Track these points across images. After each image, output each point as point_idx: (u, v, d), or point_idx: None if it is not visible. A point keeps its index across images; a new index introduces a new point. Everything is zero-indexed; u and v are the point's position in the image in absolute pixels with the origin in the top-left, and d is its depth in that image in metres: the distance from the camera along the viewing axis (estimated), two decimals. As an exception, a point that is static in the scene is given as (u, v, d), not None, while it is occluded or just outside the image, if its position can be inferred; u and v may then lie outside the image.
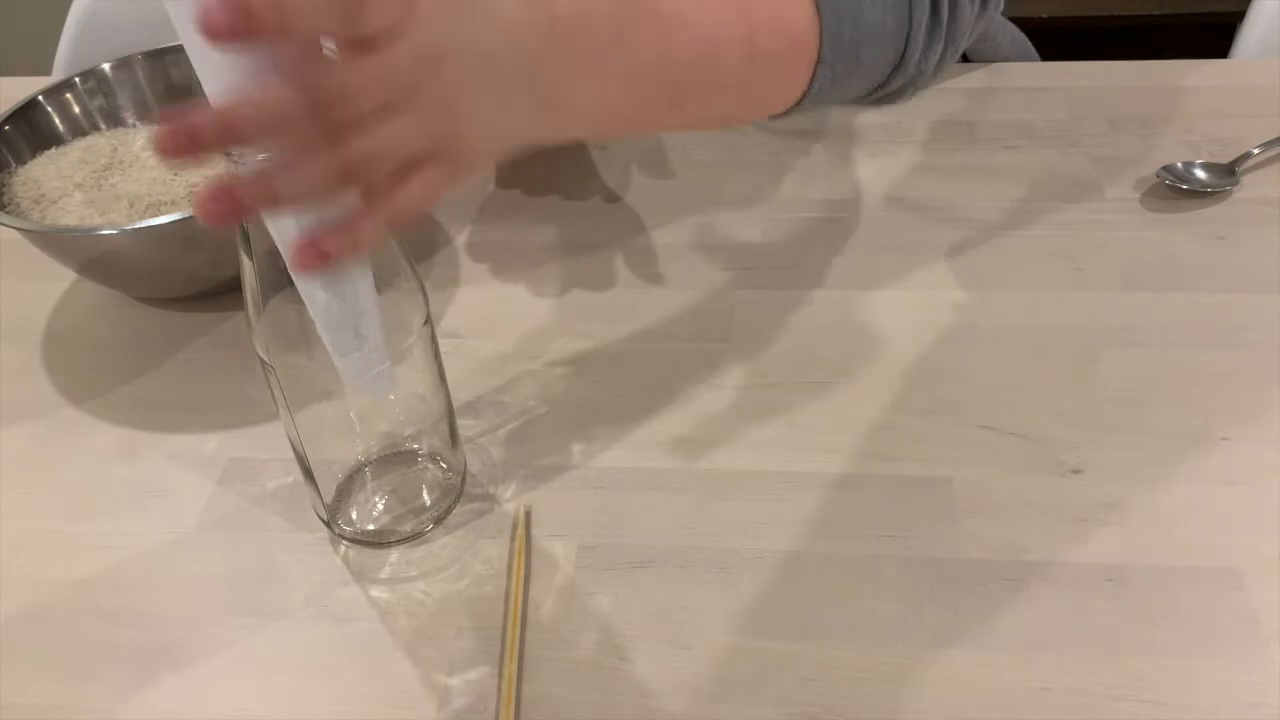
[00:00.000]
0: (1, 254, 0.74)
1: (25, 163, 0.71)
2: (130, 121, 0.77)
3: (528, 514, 0.53)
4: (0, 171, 0.69)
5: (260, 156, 0.37)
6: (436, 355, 0.51)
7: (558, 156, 0.78)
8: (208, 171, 0.68)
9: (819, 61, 0.52)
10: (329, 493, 0.53)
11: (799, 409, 0.58)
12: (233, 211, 0.35)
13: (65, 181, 0.69)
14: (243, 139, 0.35)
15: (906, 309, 0.63)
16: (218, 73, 0.36)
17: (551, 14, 0.43)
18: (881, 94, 0.58)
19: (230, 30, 0.32)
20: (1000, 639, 0.47)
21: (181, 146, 0.33)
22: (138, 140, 0.73)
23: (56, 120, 0.74)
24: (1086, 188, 0.71)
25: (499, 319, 0.66)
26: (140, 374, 0.64)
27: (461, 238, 0.73)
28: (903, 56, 0.55)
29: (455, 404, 0.53)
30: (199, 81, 0.37)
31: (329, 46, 0.37)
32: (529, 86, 0.43)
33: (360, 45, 0.36)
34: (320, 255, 0.37)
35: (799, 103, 0.53)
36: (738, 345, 0.62)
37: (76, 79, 0.75)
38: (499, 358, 0.63)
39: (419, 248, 0.72)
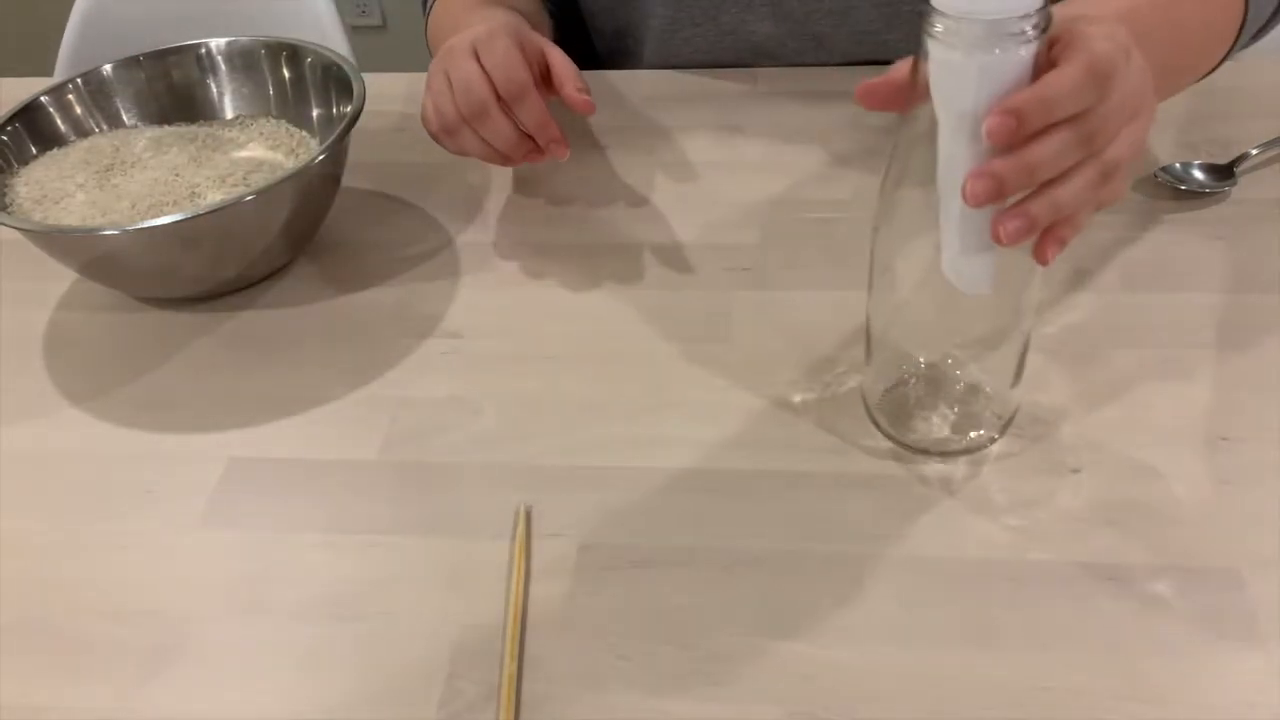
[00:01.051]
0: (2, 254, 0.74)
1: (27, 163, 0.71)
2: (132, 122, 0.77)
3: (528, 514, 0.54)
4: (2, 172, 0.69)
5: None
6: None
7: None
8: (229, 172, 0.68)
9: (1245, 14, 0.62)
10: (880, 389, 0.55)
11: (799, 408, 0.58)
12: (1030, 228, 0.42)
13: (67, 182, 0.69)
14: (1037, 179, 0.42)
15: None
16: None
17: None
18: (1266, 31, 0.67)
19: (1009, 140, 0.41)
20: (1000, 639, 0.47)
21: (994, 194, 0.41)
22: (139, 141, 0.73)
23: (58, 120, 0.74)
24: (1086, 188, 0.71)
25: (500, 319, 0.66)
26: (140, 374, 0.65)
27: (462, 238, 0.73)
28: None
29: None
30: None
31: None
32: None
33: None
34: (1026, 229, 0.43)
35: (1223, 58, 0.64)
36: (738, 345, 0.62)
37: (79, 79, 0.75)
38: (500, 357, 0.63)
39: (420, 248, 0.72)
